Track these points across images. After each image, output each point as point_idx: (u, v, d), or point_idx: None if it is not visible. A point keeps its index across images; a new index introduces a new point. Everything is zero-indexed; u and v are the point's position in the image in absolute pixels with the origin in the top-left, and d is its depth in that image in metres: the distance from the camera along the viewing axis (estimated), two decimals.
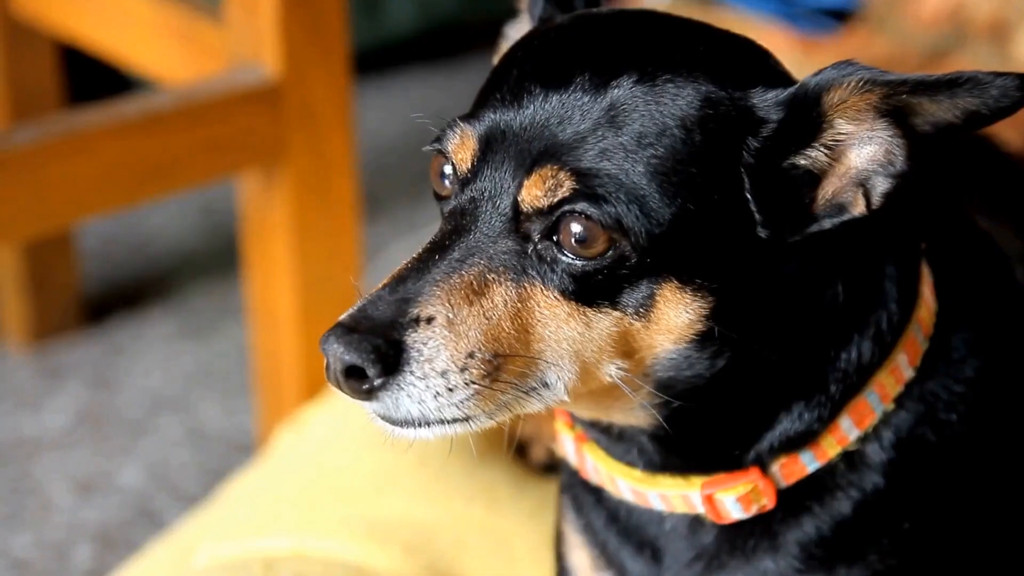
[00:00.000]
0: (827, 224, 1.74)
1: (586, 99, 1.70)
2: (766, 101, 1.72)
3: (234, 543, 2.47)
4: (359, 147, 3.23)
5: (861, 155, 1.72)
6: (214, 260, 4.02)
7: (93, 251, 4.04)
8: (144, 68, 3.18)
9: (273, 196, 2.91)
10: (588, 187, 1.67)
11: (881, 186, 1.72)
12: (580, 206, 1.67)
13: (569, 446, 1.98)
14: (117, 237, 4.13)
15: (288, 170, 2.87)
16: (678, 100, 1.71)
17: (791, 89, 1.72)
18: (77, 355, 3.67)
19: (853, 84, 1.68)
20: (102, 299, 3.87)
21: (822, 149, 1.72)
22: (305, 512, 2.50)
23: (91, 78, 4.16)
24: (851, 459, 1.86)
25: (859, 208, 1.73)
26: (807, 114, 1.71)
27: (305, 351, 2.98)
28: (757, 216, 1.72)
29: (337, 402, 2.76)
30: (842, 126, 1.71)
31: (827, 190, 1.73)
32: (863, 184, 1.72)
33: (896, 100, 1.67)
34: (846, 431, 1.84)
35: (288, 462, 2.69)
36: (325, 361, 1.68)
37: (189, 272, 4.00)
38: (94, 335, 3.74)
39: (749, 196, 1.71)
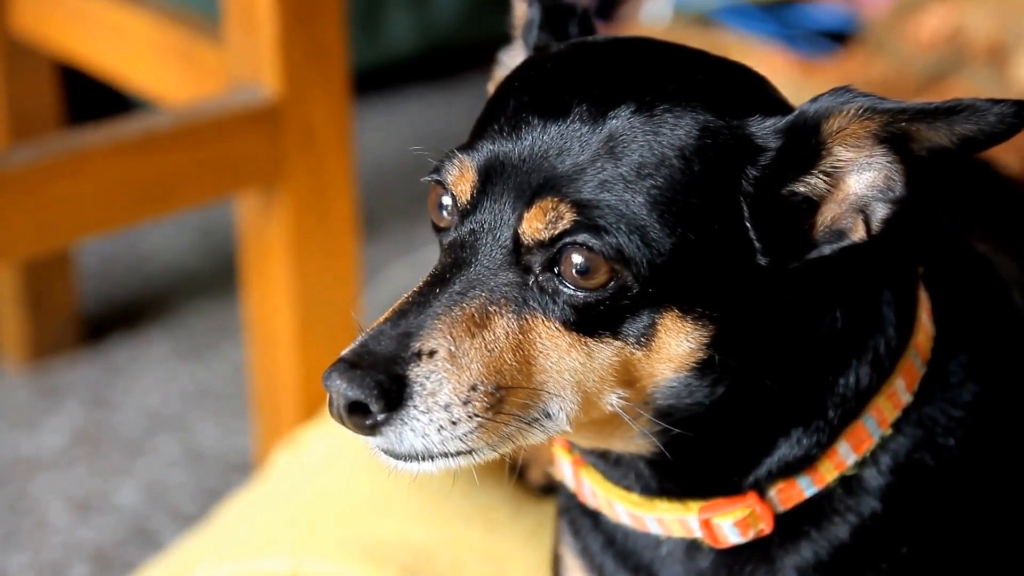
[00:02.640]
0: (827, 250, 1.74)
1: (585, 130, 1.70)
2: (764, 129, 1.72)
3: (231, 564, 2.47)
4: (358, 167, 3.23)
5: (860, 181, 1.72)
6: (212, 280, 4.02)
7: (91, 270, 4.04)
8: (143, 88, 3.19)
9: (272, 216, 2.91)
10: (589, 218, 1.67)
11: (880, 212, 1.72)
12: (581, 237, 1.67)
13: (567, 470, 1.98)
14: (116, 257, 4.13)
15: (287, 190, 2.87)
16: (676, 130, 1.71)
17: (790, 117, 1.72)
18: (75, 374, 3.67)
19: (853, 112, 1.68)
20: (100, 318, 3.87)
21: (821, 176, 1.72)
22: (302, 533, 2.49)
23: (90, 98, 4.17)
24: (849, 484, 1.86)
25: (859, 234, 1.73)
26: (806, 142, 1.71)
27: (303, 372, 2.98)
28: (757, 244, 1.72)
29: (335, 423, 2.75)
30: (841, 153, 1.71)
31: (826, 216, 1.73)
32: (863, 210, 1.72)
33: (895, 128, 1.67)
34: (844, 456, 1.84)
35: (285, 483, 2.68)
36: (328, 397, 1.68)
37: (187, 292, 4.00)
38: (92, 355, 3.74)
39: (748, 224, 1.71)
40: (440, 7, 4.88)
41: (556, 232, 1.69)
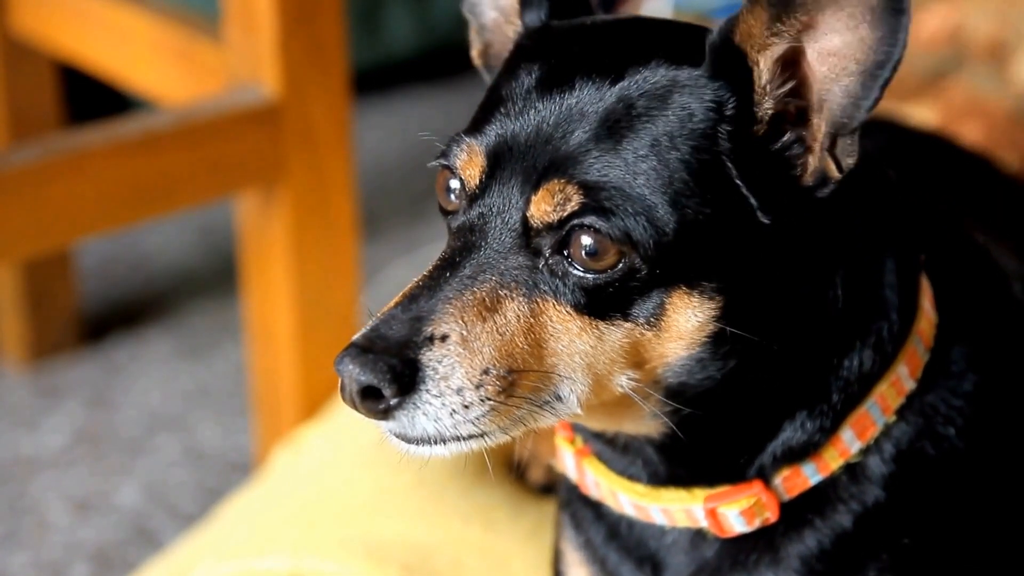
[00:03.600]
0: (821, 193, 1.73)
1: (588, 111, 1.72)
2: (700, 76, 1.72)
3: (231, 563, 2.47)
4: (358, 167, 3.23)
5: (821, 113, 1.70)
6: (212, 280, 4.02)
7: (92, 270, 4.04)
8: (143, 88, 3.19)
9: (272, 216, 2.91)
10: (596, 200, 1.68)
11: (844, 142, 1.71)
12: (589, 219, 1.68)
13: (569, 461, 1.98)
14: (116, 256, 4.13)
15: (287, 190, 2.87)
16: (664, 111, 1.72)
17: (707, 54, 1.72)
18: (75, 374, 3.67)
19: (744, 10, 1.68)
20: (100, 318, 3.87)
21: (769, 97, 1.72)
22: (303, 532, 2.49)
23: (90, 98, 4.17)
24: (853, 471, 1.86)
25: (833, 173, 1.72)
26: (733, 65, 1.71)
27: (303, 371, 2.98)
28: (753, 201, 1.72)
29: (335, 422, 2.75)
30: (761, 60, 1.70)
31: (813, 160, 1.73)
32: (828, 143, 1.71)
33: (792, 20, 1.66)
34: (848, 443, 1.84)
35: (286, 482, 2.68)
36: (340, 382, 1.68)
37: (187, 292, 4.00)
38: (92, 354, 3.74)
39: (739, 183, 1.72)
40: (440, 7, 4.88)
41: (564, 214, 1.69)
